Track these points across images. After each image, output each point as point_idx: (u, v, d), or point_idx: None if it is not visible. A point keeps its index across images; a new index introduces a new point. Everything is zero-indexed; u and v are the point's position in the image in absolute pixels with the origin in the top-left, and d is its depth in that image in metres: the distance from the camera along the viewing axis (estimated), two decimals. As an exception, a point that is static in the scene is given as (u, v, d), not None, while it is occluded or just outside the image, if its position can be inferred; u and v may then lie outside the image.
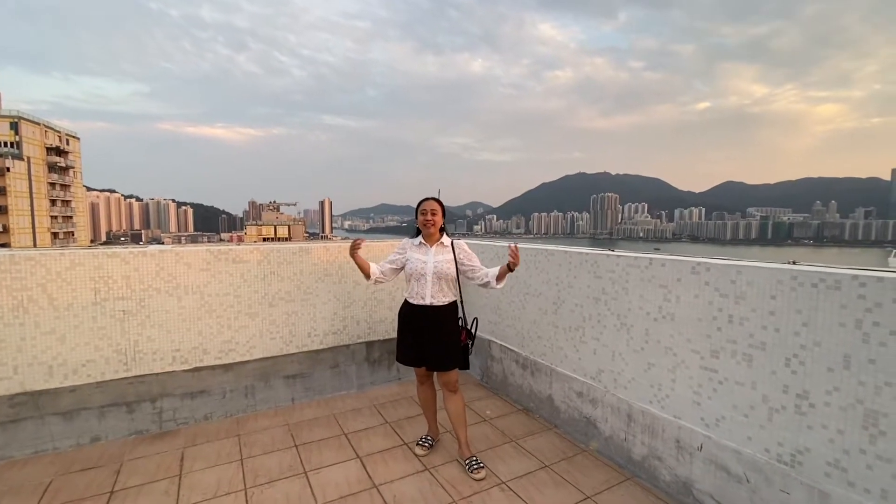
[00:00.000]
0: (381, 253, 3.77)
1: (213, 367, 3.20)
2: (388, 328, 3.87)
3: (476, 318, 2.98)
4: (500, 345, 3.75)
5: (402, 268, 2.71)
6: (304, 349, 3.52)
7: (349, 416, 3.33)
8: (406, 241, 2.78)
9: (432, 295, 2.62)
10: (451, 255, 2.66)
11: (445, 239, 2.69)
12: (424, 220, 2.64)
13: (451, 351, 2.66)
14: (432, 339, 2.64)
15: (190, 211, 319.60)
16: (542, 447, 2.90)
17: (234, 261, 3.22)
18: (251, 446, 2.90)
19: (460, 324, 2.77)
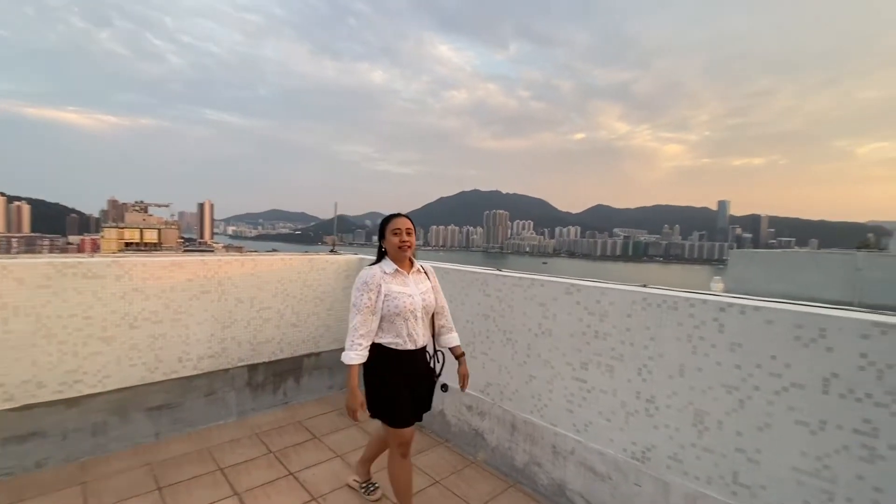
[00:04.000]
0: (274, 271, 3.54)
1: (50, 404, 2.68)
2: (276, 348, 3.62)
3: (444, 354, 2.31)
4: (395, 362, 3.75)
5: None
6: (172, 376, 3.13)
7: (226, 449, 3.03)
8: (371, 272, 2.05)
9: (424, 335, 2.15)
10: (429, 282, 2.21)
11: (418, 263, 2.23)
12: (400, 242, 2.08)
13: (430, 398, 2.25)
14: (429, 390, 2.20)
15: (26, 208, 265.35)
16: (433, 463, 2.95)
17: (86, 276, 2.76)
18: (100, 495, 2.48)
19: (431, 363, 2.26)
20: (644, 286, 2.28)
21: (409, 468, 2.18)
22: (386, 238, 2.13)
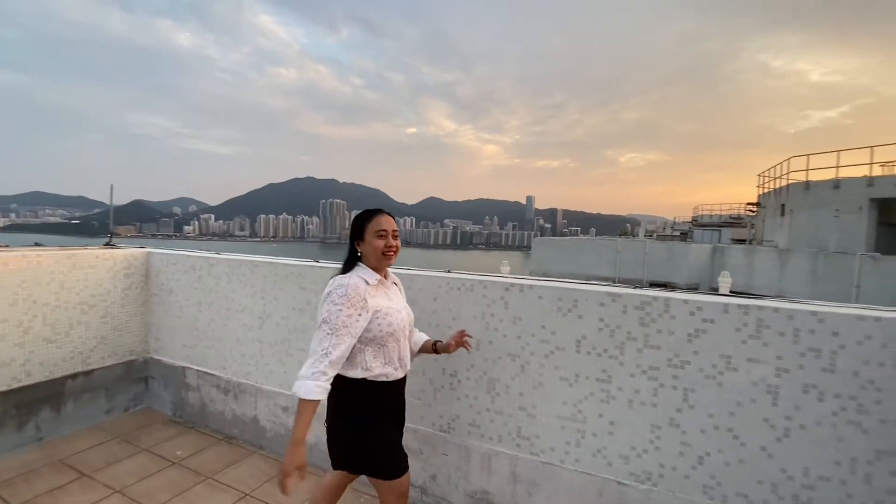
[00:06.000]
0: (11, 272, 2.70)
1: None
2: (18, 372, 2.80)
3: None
4: (198, 370, 3.29)
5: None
6: None
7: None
8: (351, 281, 1.60)
9: (410, 358, 1.84)
10: (403, 291, 1.91)
11: (392, 273, 1.89)
12: (386, 247, 1.68)
13: None
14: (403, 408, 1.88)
15: None
16: (243, 476, 2.70)
17: None
18: None
19: None
20: (448, 272, 2.47)
21: None
22: (365, 240, 1.69)
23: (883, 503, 1.58)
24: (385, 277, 1.77)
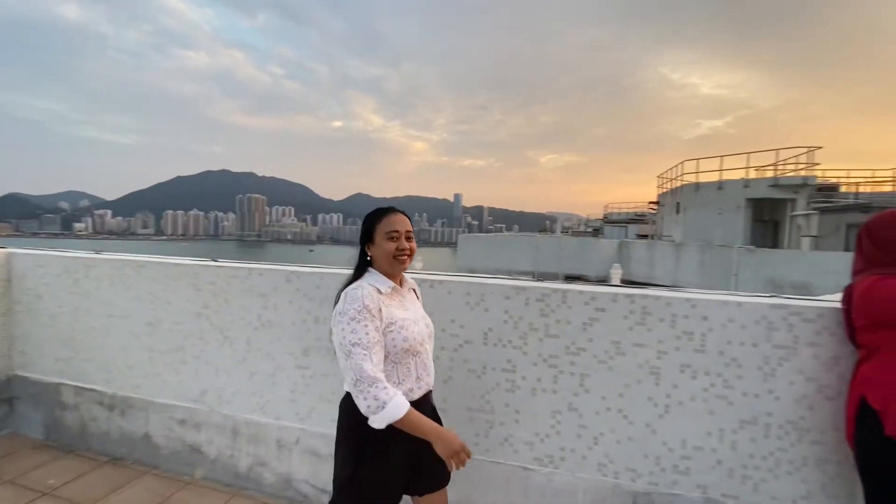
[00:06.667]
0: None
1: None
2: None
3: None
4: (76, 386, 2.90)
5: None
6: None
7: None
8: (364, 290, 1.44)
9: (432, 371, 1.62)
10: (419, 301, 1.71)
11: (409, 278, 1.68)
12: (398, 251, 1.52)
13: None
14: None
15: None
16: (132, 500, 2.42)
17: None
18: None
19: None
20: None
21: None
22: (375, 242, 1.53)
23: (745, 466, 1.80)
24: (400, 284, 1.59)
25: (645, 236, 22.34)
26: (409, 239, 1.54)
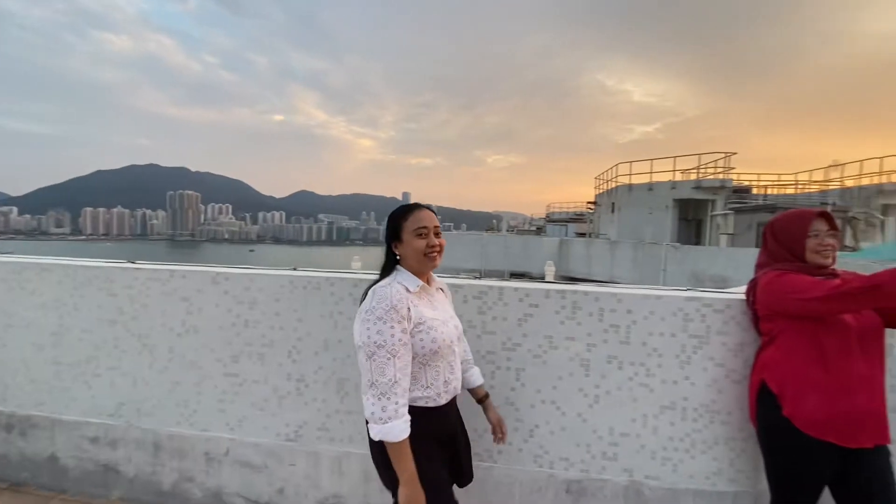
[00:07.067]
0: None
1: None
2: None
3: None
4: (-36, 406, 2.56)
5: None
6: None
7: None
8: (393, 289, 1.40)
9: (459, 375, 1.59)
10: (448, 300, 1.68)
11: (437, 278, 1.67)
12: (428, 248, 1.48)
13: None
14: (467, 449, 1.66)
15: None
16: (33, 529, 2.18)
17: None
18: None
19: None
20: (294, 269, 2.31)
21: None
22: (403, 240, 1.49)
23: (665, 448, 1.93)
24: (429, 283, 1.55)
25: (584, 234, 23.43)
26: (437, 235, 1.51)
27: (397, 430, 1.32)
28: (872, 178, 15.59)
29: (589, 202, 25.03)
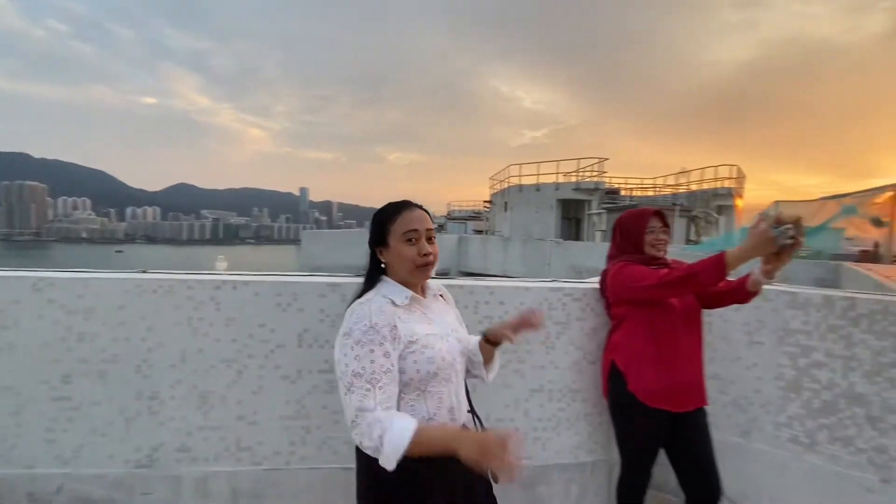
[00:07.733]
0: None
1: None
2: None
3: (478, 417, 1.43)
4: None
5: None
6: None
7: None
8: (375, 305, 1.19)
9: (465, 400, 1.34)
10: (451, 309, 1.41)
11: (433, 283, 1.36)
12: (421, 257, 1.23)
13: None
14: (487, 492, 1.33)
15: None
16: None
17: None
18: None
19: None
20: (143, 272, 2.03)
21: None
22: (390, 246, 1.25)
23: (536, 429, 2.07)
24: (422, 292, 1.32)
25: (481, 232, 24.47)
26: (430, 240, 1.26)
27: (401, 433, 1.02)
28: (710, 183, 18.67)
29: (485, 201, 26.21)
